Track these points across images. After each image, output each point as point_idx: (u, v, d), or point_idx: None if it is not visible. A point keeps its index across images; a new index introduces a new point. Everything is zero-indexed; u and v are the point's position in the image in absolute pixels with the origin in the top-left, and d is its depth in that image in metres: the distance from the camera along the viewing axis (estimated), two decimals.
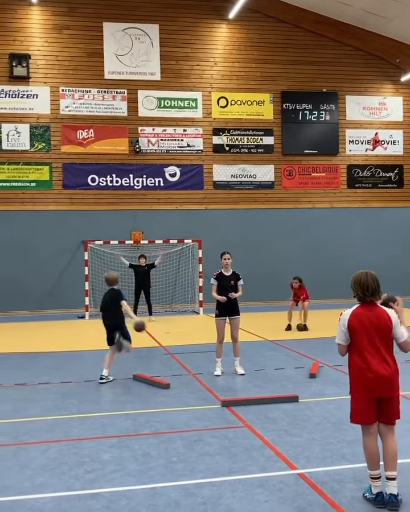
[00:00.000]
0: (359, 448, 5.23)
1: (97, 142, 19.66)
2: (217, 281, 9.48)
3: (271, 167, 20.89)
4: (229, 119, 20.64)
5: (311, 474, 5.14)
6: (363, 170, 21.60)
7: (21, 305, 18.65)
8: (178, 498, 4.72)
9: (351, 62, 21.38)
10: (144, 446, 6.00)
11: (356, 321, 4.67)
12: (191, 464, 5.47)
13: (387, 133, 21.83)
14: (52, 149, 19.40)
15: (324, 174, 21.31)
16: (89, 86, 19.63)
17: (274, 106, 20.97)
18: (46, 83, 19.42)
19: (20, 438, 6.42)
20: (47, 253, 19.04)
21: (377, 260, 21.12)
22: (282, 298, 20.10)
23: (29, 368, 10.19)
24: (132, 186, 19.89)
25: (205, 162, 20.46)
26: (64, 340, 13.52)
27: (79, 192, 19.53)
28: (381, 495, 4.51)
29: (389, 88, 21.84)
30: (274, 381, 8.86)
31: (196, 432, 6.42)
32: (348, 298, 17.59)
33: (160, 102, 20.17)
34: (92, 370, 9.72)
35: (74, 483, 5.10)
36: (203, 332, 13.80)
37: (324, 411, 7.18)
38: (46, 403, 7.86)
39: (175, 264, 19.68)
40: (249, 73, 20.74)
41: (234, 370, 9.45)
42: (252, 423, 6.68)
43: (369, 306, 4.74)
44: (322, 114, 21.29)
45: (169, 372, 9.51)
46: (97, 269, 18.58)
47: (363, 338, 4.62)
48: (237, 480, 5.05)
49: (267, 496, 4.70)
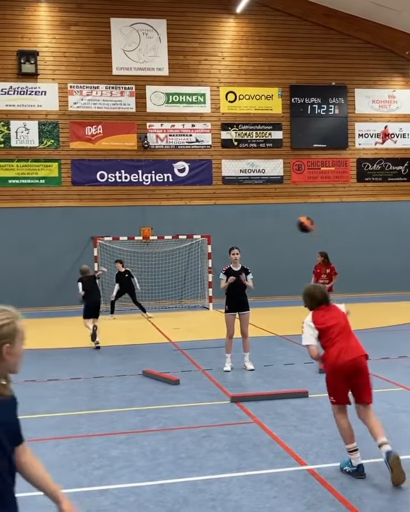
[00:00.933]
0: (368, 443, 5.20)
1: (105, 138, 19.66)
2: (226, 276, 9.47)
3: (280, 162, 20.81)
4: (238, 114, 20.57)
5: (321, 470, 5.11)
6: (372, 164, 21.47)
7: (31, 301, 18.67)
8: (187, 494, 4.71)
9: (359, 55, 21.23)
10: (153, 443, 5.99)
11: (328, 321, 5.13)
12: (200, 460, 5.45)
13: (397, 126, 21.68)
14: (61, 145, 19.43)
15: (334, 169, 21.21)
16: (97, 82, 19.63)
17: (283, 100, 20.87)
18: (55, 79, 19.43)
19: (30, 435, 6.42)
20: (56, 249, 19.07)
21: (386, 254, 21.07)
22: (292, 293, 20.09)
23: (39, 365, 10.21)
24: (141, 182, 19.89)
25: (214, 158, 20.41)
26: (73, 336, 13.54)
27: (88, 188, 19.55)
28: (362, 467, 4.85)
29: (398, 81, 21.68)
30: (283, 376, 8.84)
31: (205, 428, 6.41)
32: (357, 292, 17.50)
33: (169, 97, 20.13)
34: (101, 366, 9.74)
35: (83, 479, 5.11)
36: (212, 328, 13.78)
37: None
38: (56, 399, 7.88)
39: (184, 259, 19.67)
40: (257, 67, 20.65)
41: (244, 365, 9.44)
42: (261, 419, 6.66)
43: (327, 307, 5.25)
44: (331, 107, 21.17)
45: (178, 368, 9.50)
46: (107, 265, 18.58)
47: (333, 333, 5.06)
48: (246, 477, 5.03)
49: (276, 493, 4.68)
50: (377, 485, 4.77)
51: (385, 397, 7.29)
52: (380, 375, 8.57)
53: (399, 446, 5.59)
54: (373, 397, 5.12)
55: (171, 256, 19.44)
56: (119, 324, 15.65)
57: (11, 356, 2.47)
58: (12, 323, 2.49)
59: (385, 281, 20.69)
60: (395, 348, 10.90)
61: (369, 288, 20.42)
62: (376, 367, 9.17)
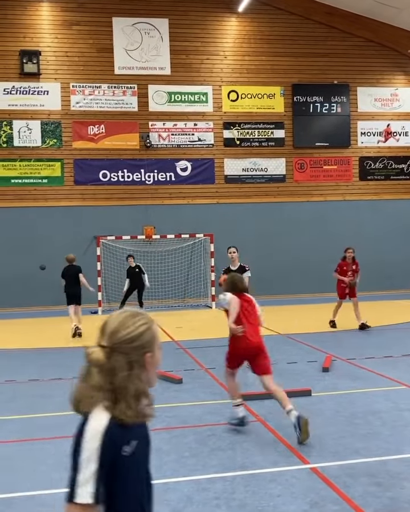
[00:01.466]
0: (372, 441, 5.21)
1: (107, 138, 19.67)
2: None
3: (282, 160, 20.81)
4: (240, 113, 20.57)
5: (324, 469, 5.12)
6: (375, 162, 21.46)
7: (34, 301, 18.72)
8: (191, 493, 4.73)
9: (362, 54, 21.21)
10: (156, 441, 5.95)
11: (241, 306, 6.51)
12: (204, 459, 5.47)
13: (399, 124, 21.66)
14: (63, 145, 19.45)
15: (336, 167, 21.20)
16: (99, 82, 19.65)
17: (285, 99, 20.86)
18: (57, 79, 19.45)
19: (35, 434, 6.46)
20: (59, 249, 19.02)
21: (389, 252, 21.06)
22: (294, 291, 20.11)
23: (43, 364, 10.24)
24: (143, 181, 19.90)
25: (216, 157, 20.42)
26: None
27: (91, 188, 19.58)
28: (246, 418, 6.21)
29: (401, 79, 21.66)
30: (286, 375, 8.83)
31: (209, 427, 6.43)
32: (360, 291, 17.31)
33: (171, 96, 20.14)
34: None
35: None
36: (215, 326, 13.78)
37: (337, 404, 7.16)
38: (60, 398, 7.89)
39: (187, 258, 19.68)
40: (259, 66, 20.64)
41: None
42: (265, 417, 6.68)
43: (241, 295, 6.59)
44: (333, 106, 21.16)
45: (181, 367, 9.52)
46: (110, 264, 18.63)
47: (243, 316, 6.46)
48: (250, 475, 5.05)
49: (280, 491, 4.69)
50: (381, 483, 4.78)
51: (388, 396, 7.30)
52: (383, 373, 8.59)
53: (403, 444, 5.61)
54: (376, 396, 5.13)
55: (173, 255, 19.45)
56: None
57: (151, 367, 2.10)
58: (150, 329, 2.12)
59: (387, 279, 20.69)
60: (398, 346, 10.90)
61: (372, 287, 20.39)
62: (380, 365, 9.20)
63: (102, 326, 2.14)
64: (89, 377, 2.02)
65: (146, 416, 2.07)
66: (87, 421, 1.97)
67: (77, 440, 1.96)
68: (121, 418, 1.98)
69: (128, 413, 1.99)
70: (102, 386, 1.99)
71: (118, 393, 2.00)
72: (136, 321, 2.09)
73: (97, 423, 1.96)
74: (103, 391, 1.99)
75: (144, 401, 2.06)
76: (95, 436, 1.93)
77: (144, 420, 2.09)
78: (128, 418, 1.99)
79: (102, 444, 1.93)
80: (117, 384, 2.00)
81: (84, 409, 2.00)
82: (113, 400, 1.99)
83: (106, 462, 1.94)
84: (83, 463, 1.93)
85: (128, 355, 2.03)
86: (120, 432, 1.97)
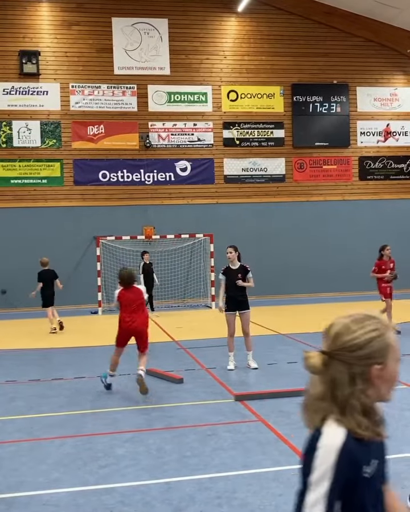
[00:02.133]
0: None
1: (107, 138, 19.66)
2: (225, 276, 9.47)
3: (282, 160, 20.80)
4: (239, 113, 20.56)
5: None
6: (374, 162, 21.46)
7: (34, 301, 18.66)
8: (193, 492, 4.72)
9: (361, 54, 21.21)
10: (158, 441, 6.00)
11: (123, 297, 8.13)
12: (205, 458, 5.46)
13: (399, 124, 21.66)
14: (63, 145, 19.44)
15: (336, 167, 21.19)
16: (98, 82, 19.64)
17: (285, 98, 20.86)
18: (56, 79, 19.44)
19: (35, 434, 6.45)
20: (59, 249, 19.06)
21: None
22: (294, 292, 20.09)
23: (43, 364, 10.24)
24: (143, 182, 19.89)
25: (216, 157, 20.41)
26: (77, 336, 13.57)
27: (90, 188, 19.56)
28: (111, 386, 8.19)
29: (400, 79, 21.66)
30: (287, 375, 8.84)
31: (210, 427, 6.42)
32: (361, 291, 17.48)
33: (170, 96, 20.13)
34: (105, 365, 9.71)
35: (89, 478, 5.12)
36: (215, 326, 13.76)
37: None
38: (60, 398, 7.89)
39: (187, 258, 19.68)
40: (258, 66, 20.64)
41: (247, 364, 9.44)
42: (266, 417, 6.67)
43: (128, 288, 8.16)
44: (332, 106, 21.16)
45: (182, 367, 9.52)
46: (109, 265, 18.62)
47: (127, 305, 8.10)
48: (252, 475, 5.04)
49: (281, 490, 4.69)
50: None
51: None
52: None
53: (403, 444, 5.61)
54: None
55: (173, 255, 19.45)
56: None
57: (381, 381, 1.79)
58: (382, 336, 1.81)
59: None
60: (401, 346, 10.87)
61: (373, 287, 20.36)
62: None
63: (327, 328, 1.86)
64: (313, 387, 1.84)
65: (379, 434, 1.82)
66: (319, 436, 1.76)
67: (308, 458, 1.75)
68: (358, 433, 1.75)
69: (362, 427, 1.76)
70: (325, 397, 1.79)
71: (343, 407, 1.77)
72: (366, 325, 1.80)
73: (332, 438, 1.74)
74: (328, 402, 1.79)
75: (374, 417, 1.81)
76: (330, 452, 1.72)
77: (378, 439, 1.84)
78: (365, 432, 1.76)
79: (338, 461, 1.71)
80: (339, 398, 1.77)
81: (314, 423, 1.81)
82: (341, 413, 1.77)
83: (342, 482, 1.72)
84: (315, 482, 1.71)
85: (350, 366, 1.77)
86: (360, 449, 1.75)
